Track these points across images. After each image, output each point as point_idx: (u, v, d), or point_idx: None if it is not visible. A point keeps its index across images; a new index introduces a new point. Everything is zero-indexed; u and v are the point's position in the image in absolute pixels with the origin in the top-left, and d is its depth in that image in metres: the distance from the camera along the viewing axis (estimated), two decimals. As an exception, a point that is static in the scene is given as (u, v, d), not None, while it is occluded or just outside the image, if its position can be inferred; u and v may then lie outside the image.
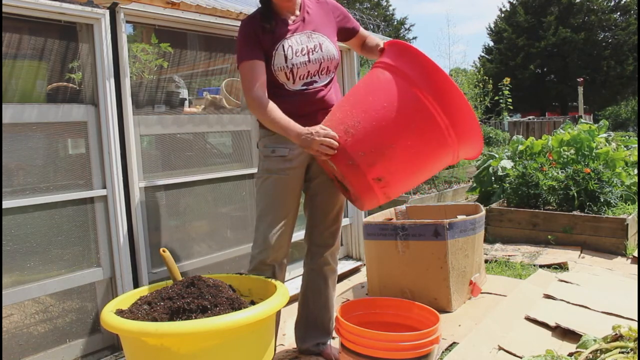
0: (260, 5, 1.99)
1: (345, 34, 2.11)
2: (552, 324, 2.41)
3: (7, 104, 1.87)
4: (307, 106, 1.96)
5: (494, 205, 4.45)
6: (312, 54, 1.95)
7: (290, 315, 2.52)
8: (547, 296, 2.78)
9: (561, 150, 4.88)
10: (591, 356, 1.80)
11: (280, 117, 1.86)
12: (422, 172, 1.86)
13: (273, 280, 1.84)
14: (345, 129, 1.76)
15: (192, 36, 2.59)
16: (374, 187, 1.76)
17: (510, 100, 9.55)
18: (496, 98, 8.87)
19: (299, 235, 2.54)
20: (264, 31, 1.93)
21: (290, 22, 1.97)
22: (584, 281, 3.04)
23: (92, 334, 2.14)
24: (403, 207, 3.34)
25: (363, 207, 1.92)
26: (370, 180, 1.74)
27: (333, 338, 2.27)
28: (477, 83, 7.29)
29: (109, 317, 1.52)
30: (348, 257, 3.60)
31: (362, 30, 2.17)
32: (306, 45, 1.95)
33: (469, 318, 2.61)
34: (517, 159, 5.22)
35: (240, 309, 1.59)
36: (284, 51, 1.92)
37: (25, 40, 1.97)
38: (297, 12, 1.98)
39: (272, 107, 1.87)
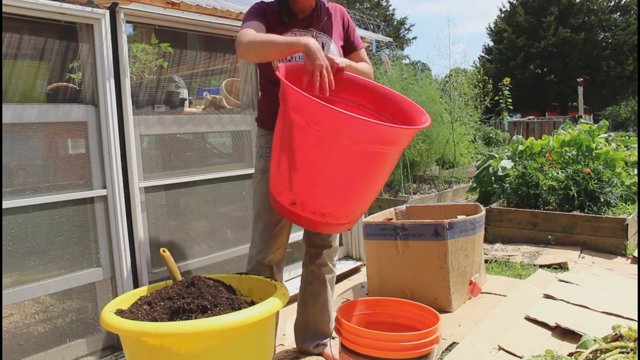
0: None
1: (345, 46, 2.09)
2: (552, 324, 2.41)
3: (7, 104, 1.87)
4: None
5: (494, 205, 4.45)
6: None
7: (290, 315, 2.52)
8: (547, 296, 2.78)
9: (562, 150, 4.88)
10: (591, 356, 1.81)
11: (267, 35, 1.75)
12: (325, 176, 1.67)
13: (273, 280, 1.85)
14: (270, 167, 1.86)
15: (192, 36, 2.59)
16: (297, 212, 1.74)
17: (510, 100, 9.55)
18: (496, 98, 8.87)
19: (299, 234, 2.54)
20: (274, 19, 1.92)
21: (300, 18, 1.97)
22: (584, 281, 3.04)
23: (92, 334, 2.14)
24: (403, 207, 3.34)
25: (325, 232, 1.97)
26: (289, 207, 1.75)
27: (333, 338, 2.27)
28: (477, 83, 7.27)
29: (109, 317, 1.52)
30: (348, 257, 3.60)
31: (362, 52, 2.13)
32: None
33: (469, 318, 2.61)
34: (517, 159, 5.22)
35: (240, 309, 1.59)
36: None
37: (25, 40, 1.97)
38: (308, 12, 1.98)
39: (257, 32, 1.78)
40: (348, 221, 1.84)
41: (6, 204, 1.85)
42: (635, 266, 3.40)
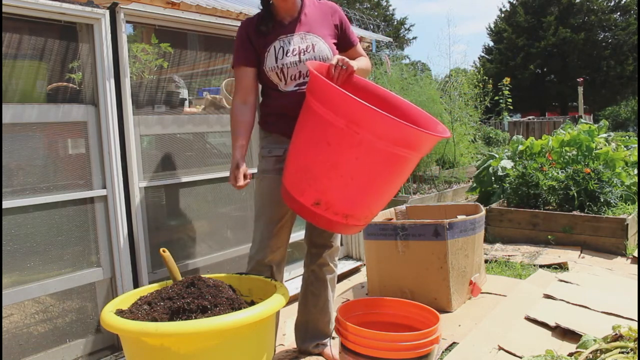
0: (261, 8, 2.00)
1: (341, 43, 2.09)
2: (552, 324, 2.41)
3: (7, 104, 1.87)
4: (299, 107, 1.88)
5: (494, 205, 4.45)
6: (304, 54, 1.94)
7: (290, 315, 2.52)
8: (547, 296, 2.78)
9: (561, 150, 4.88)
10: (591, 356, 1.80)
11: (234, 133, 1.96)
12: (357, 178, 1.68)
13: (273, 280, 1.85)
14: (286, 166, 1.83)
15: (192, 36, 2.59)
16: (319, 212, 1.73)
17: (510, 100, 9.55)
18: (496, 98, 8.89)
19: (299, 235, 2.54)
20: (257, 33, 1.95)
21: (285, 23, 1.97)
22: (584, 281, 3.04)
23: (92, 334, 2.14)
24: (403, 207, 3.33)
25: (341, 233, 1.95)
26: (310, 207, 1.73)
27: (333, 338, 2.27)
28: (477, 83, 7.27)
29: (109, 317, 1.52)
30: (348, 257, 3.60)
31: (358, 47, 2.13)
32: (298, 45, 1.95)
33: (469, 318, 2.61)
34: (517, 159, 5.22)
35: (240, 309, 1.59)
36: (274, 52, 1.93)
37: (25, 40, 1.97)
38: (295, 14, 1.98)
39: (236, 118, 1.97)
40: (364, 222, 1.85)
41: (6, 204, 1.85)
42: (635, 266, 3.40)
